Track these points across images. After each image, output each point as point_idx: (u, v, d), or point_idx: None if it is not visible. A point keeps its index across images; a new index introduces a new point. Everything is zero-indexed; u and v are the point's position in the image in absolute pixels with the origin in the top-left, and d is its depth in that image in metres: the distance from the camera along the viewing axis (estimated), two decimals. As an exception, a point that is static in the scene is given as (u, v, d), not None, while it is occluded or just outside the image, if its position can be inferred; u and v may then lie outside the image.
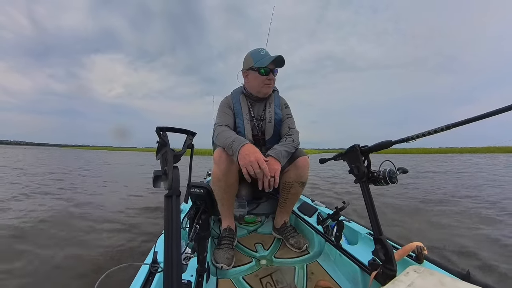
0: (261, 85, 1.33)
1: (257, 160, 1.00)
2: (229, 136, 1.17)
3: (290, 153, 1.24)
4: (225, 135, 1.19)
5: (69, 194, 4.22)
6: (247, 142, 1.09)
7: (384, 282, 0.71)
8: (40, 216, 2.80)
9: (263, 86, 1.33)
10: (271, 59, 1.26)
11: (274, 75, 1.33)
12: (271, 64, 1.29)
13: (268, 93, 1.38)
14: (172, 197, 0.47)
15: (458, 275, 0.70)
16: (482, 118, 0.52)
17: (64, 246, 2.01)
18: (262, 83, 1.32)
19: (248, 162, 1.01)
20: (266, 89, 1.35)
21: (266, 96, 1.39)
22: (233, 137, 1.14)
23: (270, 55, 1.29)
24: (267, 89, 1.36)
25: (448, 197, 3.96)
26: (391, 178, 0.74)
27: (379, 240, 0.75)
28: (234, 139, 1.12)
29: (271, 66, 1.29)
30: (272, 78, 1.33)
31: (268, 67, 1.29)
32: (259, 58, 1.29)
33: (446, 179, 6.39)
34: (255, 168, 1.00)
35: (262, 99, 1.42)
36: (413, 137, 0.66)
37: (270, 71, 1.30)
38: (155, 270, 0.76)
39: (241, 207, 1.58)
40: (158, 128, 0.49)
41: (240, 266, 1.15)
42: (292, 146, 1.25)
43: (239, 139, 1.12)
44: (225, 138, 1.17)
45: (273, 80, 1.35)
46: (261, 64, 1.28)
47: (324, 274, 1.08)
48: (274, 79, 1.35)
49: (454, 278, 0.62)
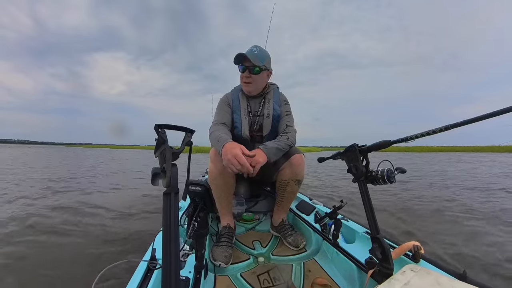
0: (242, 82, 1.36)
1: (234, 156, 0.99)
2: (217, 136, 1.16)
3: (282, 151, 1.24)
4: (214, 136, 1.19)
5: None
6: (228, 141, 1.08)
7: (381, 281, 0.72)
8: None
9: (242, 83, 1.36)
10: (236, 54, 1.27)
11: (251, 72, 1.30)
12: (246, 62, 1.28)
13: (248, 92, 1.38)
14: (171, 194, 0.47)
15: (454, 275, 0.70)
16: (480, 120, 0.52)
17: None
18: (242, 80, 1.34)
19: (227, 160, 1.00)
20: (244, 87, 1.36)
21: (250, 94, 1.39)
22: (219, 137, 1.14)
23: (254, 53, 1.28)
24: (245, 87, 1.36)
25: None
26: (389, 178, 0.74)
27: (376, 239, 0.75)
28: (219, 139, 1.12)
29: (247, 63, 1.28)
30: (247, 75, 1.31)
31: (243, 64, 1.29)
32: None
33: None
34: (235, 165, 0.98)
35: (260, 95, 1.41)
36: (411, 137, 0.67)
37: (246, 69, 1.29)
38: (153, 266, 0.77)
39: (239, 205, 1.58)
40: (157, 126, 0.49)
41: (238, 263, 1.15)
42: (285, 144, 1.25)
43: (222, 139, 1.11)
44: (214, 139, 1.17)
45: (250, 78, 1.32)
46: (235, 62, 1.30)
47: (321, 272, 1.08)
48: (251, 76, 1.31)
49: (451, 278, 0.62)
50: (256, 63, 1.27)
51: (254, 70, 1.29)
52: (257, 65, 1.28)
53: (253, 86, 1.34)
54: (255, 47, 1.31)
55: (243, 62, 1.29)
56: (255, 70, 1.29)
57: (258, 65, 1.28)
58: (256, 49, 1.30)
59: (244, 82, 1.33)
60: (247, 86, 1.34)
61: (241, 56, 1.26)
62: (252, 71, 1.29)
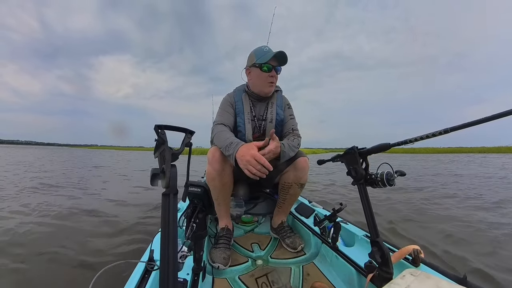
0: (263, 83, 1.31)
1: (253, 157, 0.97)
2: (227, 137, 1.12)
3: (294, 151, 1.21)
4: (223, 136, 1.15)
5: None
6: (242, 143, 1.06)
7: (380, 285, 0.72)
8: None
9: (265, 84, 1.31)
10: (272, 55, 1.24)
11: (277, 73, 1.30)
12: (273, 61, 1.26)
13: (270, 92, 1.35)
14: (170, 195, 0.47)
15: (454, 279, 0.70)
16: (480, 123, 0.52)
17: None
18: (264, 81, 1.30)
19: (246, 162, 0.98)
20: (267, 88, 1.32)
21: (268, 95, 1.37)
22: (230, 139, 1.10)
23: (273, 52, 1.26)
24: (269, 87, 1.32)
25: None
26: (388, 181, 0.74)
27: (376, 242, 0.75)
28: (232, 141, 1.08)
29: (274, 63, 1.27)
30: (274, 75, 1.30)
31: (269, 64, 1.26)
32: (262, 55, 1.27)
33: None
34: (255, 165, 0.96)
35: (265, 98, 1.39)
36: (411, 140, 0.67)
37: (272, 68, 1.27)
38: (151, 268, 0.76)
39: (238, 206, 1.58)
40: (157, 126, 0.49)
41: (236, 265, 1.15)
42: (295, 148, 1.22)
43: (235, 142, 1.08)
44: (223, 139, 1.13)
45: (275, 78, 1.31)
46: (262, 60, 1.25)
47: (320, 275, 1.08)
48: (276, 77, 1.32)
49: (451, 282, 0.62)
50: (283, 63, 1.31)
51: (280, 69, 1.32)
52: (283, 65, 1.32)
53: (274, 85, 1.35)
54: (265, 46, 1.31)
55: (273, 62, 1.28)
56: (280, 69, 1.32)
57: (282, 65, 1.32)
58: (268, 48, 1.31)
59: (271, 83, 1.31)
60: (271, 86, 1.33)
61: (285, 56, 1.27)
62: (278, 70, 1.32)
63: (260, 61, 1.26)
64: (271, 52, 1.25)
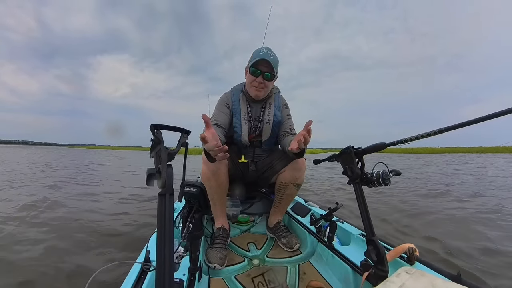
0: (250, 85, 1.29)
1: (202, 137, 0.79)
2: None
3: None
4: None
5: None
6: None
7: (376, 283, 0.72)
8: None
9: (251, 87, 1.28)
10: (258, 58, 1.20)
11: (265, 78, 1.25)
12: (263, 67, 1.23)
13: (257, 96, 1.31)
14: (166, 195, 0.47)
15: (449, 277, 0.71)
16: (474, 123, 0.53)
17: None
18: (251, 84, 1.27)
19: (209, 150, 0.85)
20: (253, 91, 1.29)
21: (257, 98, 1.33)
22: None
23: (260, 56, 1.22)
24: (255, 91, 1.29)
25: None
26: (384, 180, 0.75)
27: (372, 241, 0.76)
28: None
29: (264, 68, 1.23)
30: (260, 81, 1.25)
31: (257, 68, 1.23)
32: (255, 57, 1.24)
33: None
34: (212, 148, 0.82)
35: (262, 100, 1.37)
36: (406, 140, 0.68)
37: (260, 74, 1.24)
38: (147, 268, 0.76)
39: (235, 206, 1.58)
40: (152, 126, 0.49)
41: (232, 265, 1.14)
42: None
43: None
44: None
45: (263, 84, 1.26)
46: (251, 63, 1.23)
47: (316, 274, 1.08)
48: (265, 84, 1.26)
49: (445, 280, 0.63)
50: (273, 70, 1.24)
51: (268, 76, 1.25)
52: (273, 72, 1.25)
53: (263, 91, 1.30)
54: (270, 51, 1.24)
55: (263, 67, 1.23)
56: (269, 76, 1.25)
57: (273, 73, 1.25)
58: (272, 54, 1.24)
59: (256, 87, 1.27)
60: (257, 91, 1.28)
61: (264, 61, 1.21)
62: (267, 77, 1.25)
63: (251, 63, 1.24)
64: (259, 56, 1.22)
